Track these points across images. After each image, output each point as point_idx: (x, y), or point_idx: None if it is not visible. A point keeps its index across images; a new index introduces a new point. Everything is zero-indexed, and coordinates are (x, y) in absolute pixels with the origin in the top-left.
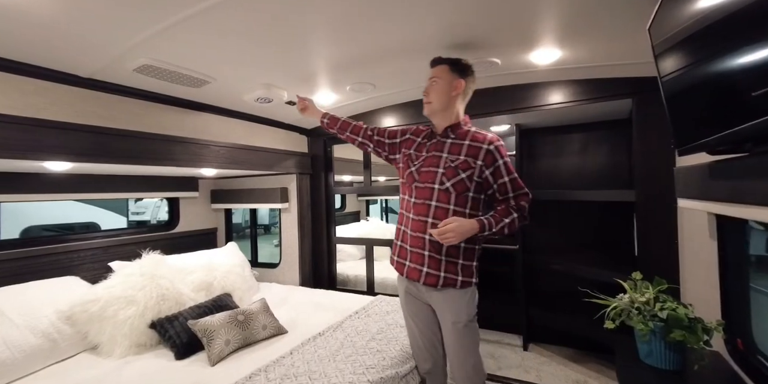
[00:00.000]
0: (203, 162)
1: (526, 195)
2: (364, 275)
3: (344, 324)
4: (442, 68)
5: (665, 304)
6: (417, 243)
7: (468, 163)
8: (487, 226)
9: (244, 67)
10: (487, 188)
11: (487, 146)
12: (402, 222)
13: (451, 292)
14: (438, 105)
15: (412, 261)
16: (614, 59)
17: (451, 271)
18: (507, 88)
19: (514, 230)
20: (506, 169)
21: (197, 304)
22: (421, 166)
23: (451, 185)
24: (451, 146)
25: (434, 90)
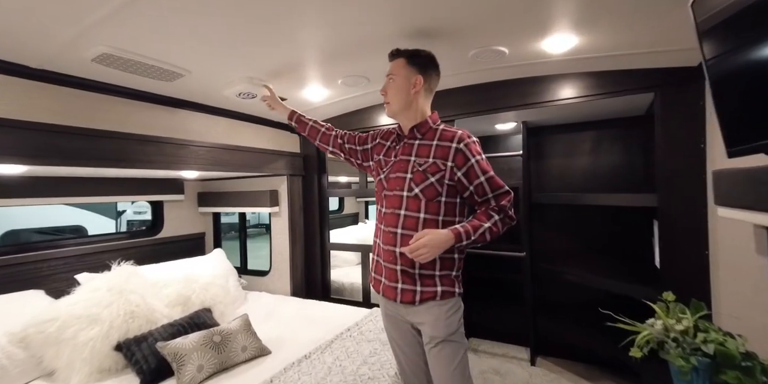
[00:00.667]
0: (181, 163)
1: (507, 193)
2: (360, 283)
3: (334, 344)
4: (399, 63)
5: (709, 335)
6: (389, 257)
7: (437, 165)
8: (464, 235)
9: (222, 58)
10: (462, 191)
11: (456, 145)
12: (377, 234)
13: (430, 305)
14: (397, 105)
15: (386, 277)
16: (639, 47)
17: (429, 284)
18: (513, 82)
19: (499, 234)
20: (480, 168)
21: (171, 322)
22: (390, 172)
23: (420, 191)
24: (419, 148)
25: (391, 88)
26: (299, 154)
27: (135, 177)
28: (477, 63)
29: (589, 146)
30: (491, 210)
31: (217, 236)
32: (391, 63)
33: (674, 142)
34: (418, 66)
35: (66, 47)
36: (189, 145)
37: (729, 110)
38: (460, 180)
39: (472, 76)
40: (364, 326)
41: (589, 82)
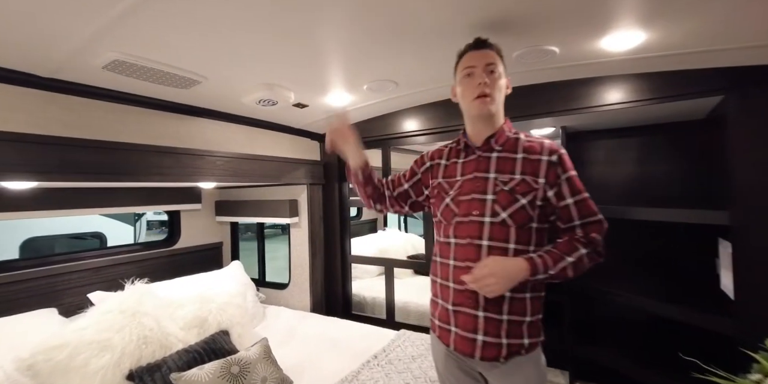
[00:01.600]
0: (198, 175)
1: (600, 223)
2: (383, 298)
3: (361, 375)
4: (493, 55)
5: None
6: (465, 300)
7: (527, 183)
8: (541, 267)
9: (241, 63)
10: (550, 213)
11: (548, 157)
12: (438, 272)
13: (518, 362)
14: (496, 103)
15: (459, 326)
16: (719, 42)
17: (516, 333)
18: (556, 85)
19: (583, 271)
20: (571, 186)
21: (186, 347)
22: (459, 194)
23: (509, 216)
24: (500, 162)
25: (494, 80)
26: (319, 161)
27: (152, 187)
28: (519, 64)
29: (634, 154)
30: (578, 241)
31: (235, 246)
32: (479, 51)
33: (755, 152)
34: (504, 63)
35: (75, 54)
36: (207, 156)
37: None
38: (550, 200)
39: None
40: (392, 353)
41: (647, 84)
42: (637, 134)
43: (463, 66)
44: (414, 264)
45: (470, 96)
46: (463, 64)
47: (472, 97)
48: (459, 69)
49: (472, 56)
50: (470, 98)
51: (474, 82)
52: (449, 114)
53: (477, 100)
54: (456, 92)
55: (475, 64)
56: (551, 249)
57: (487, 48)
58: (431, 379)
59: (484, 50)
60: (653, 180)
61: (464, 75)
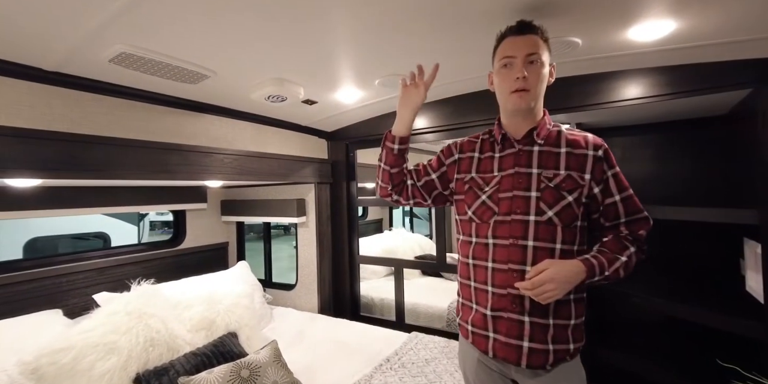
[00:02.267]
0: (206, 173)
1: (646, 220)
2: (391, 299)
3: (374, 380)
4: (537, 41)
5: None
6: (507, 304)
7: (574, 179)
8: (598, 269)
9: (251, 57)
10: (594, 211)
11: (594, 152)
12: (472, 276)
13: (559, 369)
14: (536, 97)
15: (500, 332)
16: (752, 32)
17: (562, 338)
18: (572, 80)
19: (631, 271)
20: (618, 183)
21: (194, 350)
22: (497, 191)
23: (555, 214)
24: (542, 157)
25: (535, 73)
26: (327, 160)
27: (157, 186)
28: None
29: (652, 151)
30: (625, 239)
31: (241, 246)
32: (521, 37)
33: None
34: (550, 50)
35: (81, 46)
36: (214, 153)
37: None
38: (595, 197)
39: None
40: (405, 356)
41: (667, 78)
42: (654, 131)
43: (502, 54)
44: (423, 264)
45: (507, 89)
46: (501, 51)
47: (509, 90)
48: (497, 56)
49: (513, 43)
50: (507, 92)
51: (512, 74)
52: (458, 111)
53: (514, 94)
54: (493, 80)
55: (514, 54)
56: (603, 249)
57: (531, 32)
58: (446, 383)
59: (527, 35)
60: (673, 178)
61: (502, 65)
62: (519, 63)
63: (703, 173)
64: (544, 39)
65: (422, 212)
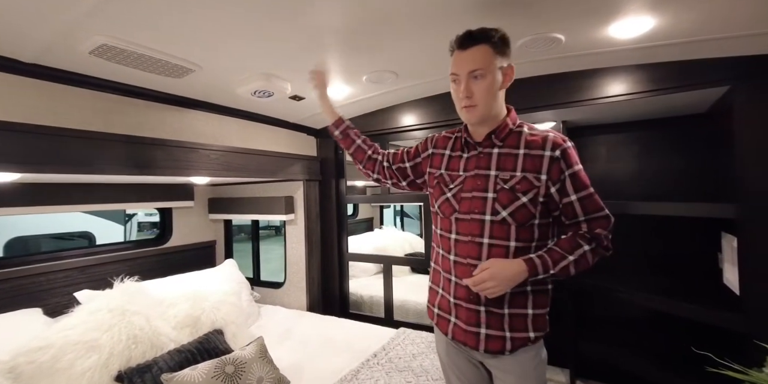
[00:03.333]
0: (191, 169)
1: (606, 219)
2: (381, 296)
3: (361, 374)
4: (485, 52)
5: None
6: (467, 295)
7: (529, 181)
8: (541, 268)
9: (237, 51)
10: (553, 209)
11: (551, 153)
12: (440, 262)
13: (520, 353)
14: (486, 109)
15: (460, 319)
16: (729, 29)
17: (520, 327)
18: (556, 77)
19: (587, 268)
20: (575, 182)
21: (179, 347)
22: (461, 191)
23: (509, 214)
24: (501, 159)
25: (481, 88)
26: (316, 157)
27: (143, 183)
28: (524, 54)
29: (636, 149)
30: (581, 237)
31: (229, 245)
32: (464, 53)
33: (762, 143)
34: (503, 52)
35: (60, 38)
36: (200, 149)
37: None
38: (553, 197)
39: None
40: (392, 351)
41: (649, 75)
42: (638, 129)
43: (450, 70)
44: (412, 261)
45: (458, 104)
46: (451, 65)
47: (459, 106)
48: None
49: (458, 59)
50: (459, 106)
51: (458, 92)
52: (449, 107)
53: (464, 109)
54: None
55: (458, 72)
56: (553, 247)
57: (475, 44)
58: (433, 377)
59: (470, 49)
60: (655, 175)
61: (451, 80)
62: (463, 81)
63: (686, 170)
64: (494, 45)
65: (413, 211)
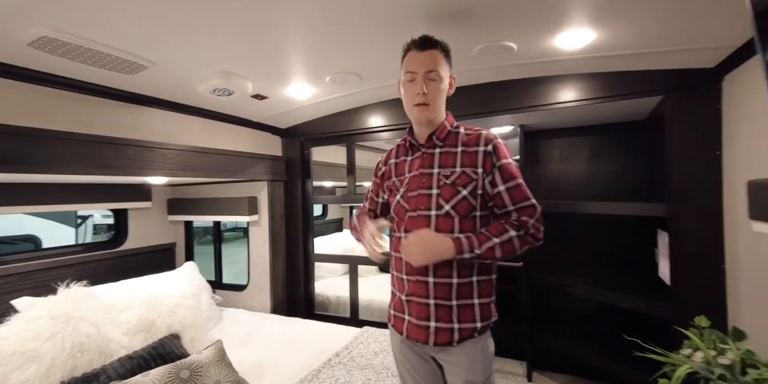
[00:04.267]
0: (146, 169)
1: (532, 208)
2: (347, 296)
3: (322, 373)
4: (438, 56)
5: (762, 373)
6: (418, 289)
7: (467, 175)
8: (466, 246)
9: (194, 48)
10: (489, 200)
11: (484, 148)
12: (394, 265)
13: (468, 344)
14: (436, 109)
15: (412, 315)
16: (660, 45)
17: (467, 317)
18: (514, 83)
19: (513, 253)
20: (504, 173)
21: (130, 354)
22: (407, 191)
23: (452, 208)
24: (442, 157)
25: (435, 88)
26: (281, 157)
27: (95, 183)
28: (481, 60)
29: (587, 152)
30: (509, 224)
31: (189, 247)
32: (422, 53)
33: (688, 149)
34: (450, 63)
35: None
36: (156, 148)
37: None
38: (486, 188)
39: (473, 76)
40: (355, 350)
41: (596, 83)
42: (589, 133)
43: (406, 68)
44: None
45: (411, 102)
46: (406, 65)
47: (412, 103)
48: (403, 68)
49: (415, 59)
50: (411, 104)
51: (414, 89)
52: None
53: (416, 107)
54: (400, 90)
55: (416, 70)
56: (482, 230)
57: (432, 48)
58: (393, 373)
59: (427, 51)
60: (603, 176)
61: (406, 80)
62: (420, 79)
63: (630, 172)
64: (445, 53)
65: None
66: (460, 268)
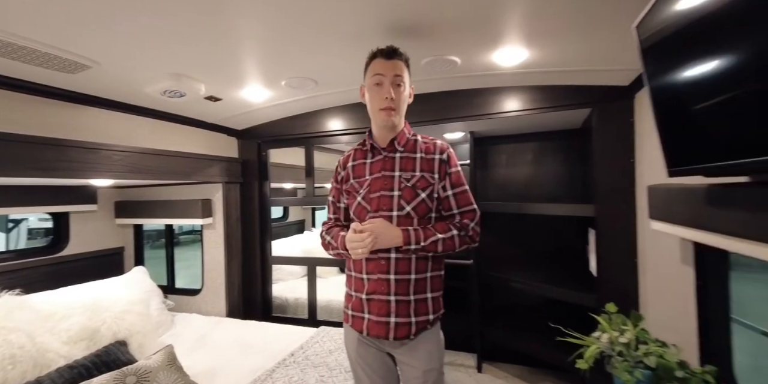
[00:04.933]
0: (91, 171)
1: (473, 212)
2: (306, 298)
3: (275, 373)
4: (402, 65)
5: (649, 348)
6: (379, 287)
7: (426, 179)
8: (413, 238)
9: (143, 49)
10: (438, 202)
11: (440, 156)
12: (353, 267)
13: (422, 338)
14: (399, 114)
15: (372, 312)
16: (579, 64)
17: (422, 311)
18: (463, 93)
19: (453, 249)
20: (453, 180)
21: (70, 363)
22: (369, 192)
23: (413, 209)
24: (403, 161)
25: (399, 95)
26: (237, 159)
27: (32, 185)
28: (429, 71)
29: (530, 157)
30: (452, 224)
31: (140, 251)
32: (389, 61)
33: (609, 157)
34: (410, 74)
35: None
36: (101, 149)
37: (670, 132)
38: (439, 192)
39: (424, 85)
40: (310, 349)
41: (535, 95)
42: (532, 140)
43: (373, 72)
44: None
45: (377, 106)
46: (372, 69)
47: (379, 107)
48: (369, 73)
49: (382, 64)
50: (377, 108)
51: (382, 94)
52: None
53: (383, 111)
54: (365, 94)
55: (384, 74)
56: (429, 226)
57: (397, 58)
58: (346, 370)
59: (394, 60)
60: (545, 180)
61: (374, 83)
62: (387, 84)
63: (567, 175)
64: (407, 64)
65: None
66: (417, 265)
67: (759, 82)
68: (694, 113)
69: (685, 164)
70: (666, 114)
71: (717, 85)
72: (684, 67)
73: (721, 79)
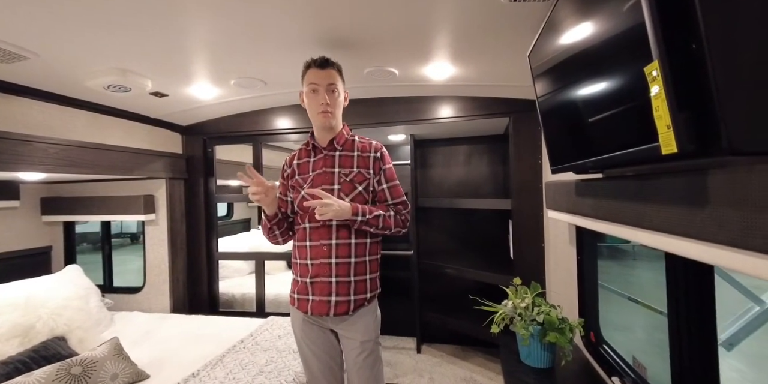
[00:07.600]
0: (20, 164)
1: (405, 204)
2: (254, 293)
3: (226, 358)
4: (334, 73)
5: (541, 308)
6: (322, 271)
7: (362, 174)
8: (361, 211)
9: (85, 43)
10: (374, 195)
11: (374, 154)
12: (299, 255)
13: (362, 311)
14: (336, 116)
15: (315, 293)
16: (497, 80)
17: (361, 290)
18: (403, 99)
19: (390, 228)
20: (387, 175)
21: (4, 359)
22: (312, 186)
23: (351, 200)
24: (342, 159)
25: (334, 100)
26: (182, 154)
27: None
28: (371, 80)
29: (462, 158)
30: (389, 207)
31: (71, 250)
32: (323, 71)
33: (522, 158)
34: (343, 80)
35: None
36: (33, 142)
37: (551, 138)
38: (374, 185)
39: (367, 91)
40: (260, 336)
41: (463, 105)
42: (464, 143)
43: (309, 80)
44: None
45: (315, 110)
46: (308, 78)
47: (317, 111)
48: (305, 81)
49: (316, 74)
50: (315, 112)
51: (318, 100)
52: None
53: (320, 114)
54: (304, 100)
55: (318, 83)
56: (372, 207)
57: (330, 67)
58: (294, 350)
59: (327, 69)
60: (475, 178)
61: (310, 90)
62: (323, 91)
63: (493, 174)
64: (340, 72)
65: None
66: (356, 249)
67: (592, 109)
68: (565, 125)
69: (560, 163)
70: (548, 125)
71: (573, 106)
72: (558, 92)
73: (575, 103)
